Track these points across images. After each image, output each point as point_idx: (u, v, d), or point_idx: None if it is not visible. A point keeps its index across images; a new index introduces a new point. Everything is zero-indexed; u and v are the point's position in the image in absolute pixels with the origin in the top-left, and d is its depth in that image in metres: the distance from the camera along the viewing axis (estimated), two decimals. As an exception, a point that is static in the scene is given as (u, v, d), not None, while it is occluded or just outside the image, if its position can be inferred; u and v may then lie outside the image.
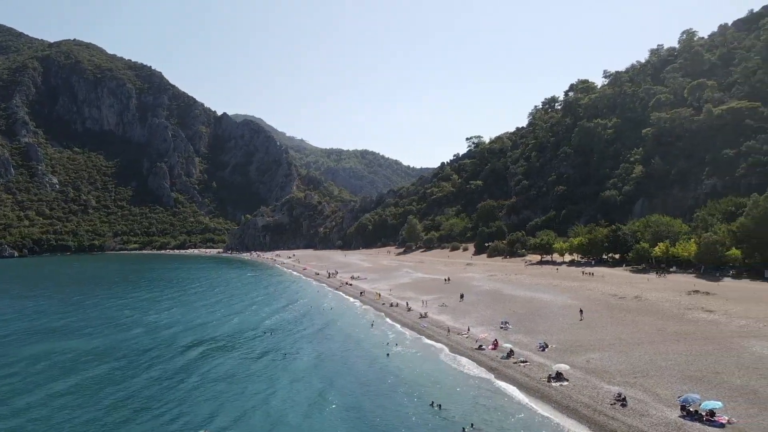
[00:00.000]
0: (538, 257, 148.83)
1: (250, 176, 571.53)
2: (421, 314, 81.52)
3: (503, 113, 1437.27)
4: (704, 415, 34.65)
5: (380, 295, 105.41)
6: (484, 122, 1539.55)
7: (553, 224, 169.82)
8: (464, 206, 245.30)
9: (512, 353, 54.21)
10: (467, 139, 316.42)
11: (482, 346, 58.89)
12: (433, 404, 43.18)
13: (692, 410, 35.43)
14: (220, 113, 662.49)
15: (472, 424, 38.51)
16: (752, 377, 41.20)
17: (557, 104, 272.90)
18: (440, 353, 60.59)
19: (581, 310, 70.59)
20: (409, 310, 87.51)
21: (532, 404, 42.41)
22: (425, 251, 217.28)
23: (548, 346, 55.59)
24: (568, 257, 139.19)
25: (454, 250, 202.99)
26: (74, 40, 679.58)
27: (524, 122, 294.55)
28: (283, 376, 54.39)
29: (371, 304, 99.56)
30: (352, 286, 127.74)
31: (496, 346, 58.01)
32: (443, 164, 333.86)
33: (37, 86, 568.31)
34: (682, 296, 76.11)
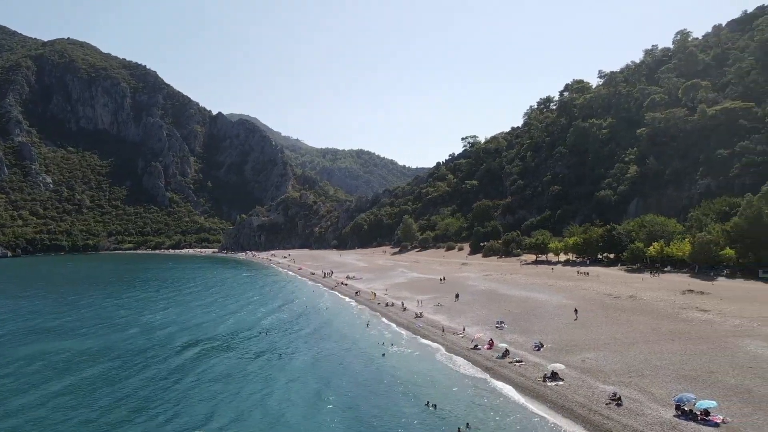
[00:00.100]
0: (533, 257, 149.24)
1: (245, 176, 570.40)
2: (416, 314, 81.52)
3: (499, 113, 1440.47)
4: (699, 414, 34.78)
5: (376, 294, 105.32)
6: (479, 122, 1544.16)
7: (548, 224, 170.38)
8: (460, 206, 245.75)
9: (508, 353, 54.27)
10: (463, 138, 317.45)
11: (478, 345, 58.93)
12: (428, 404, 43.19)
13: (687, 410, 35.55)
14: (215, 113, 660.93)
15: (467, 423, 38.51)
16: (746, 376, 41.40)
17: (552, 104, 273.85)
18: (436, 353, 60.60)
19: (576, 309, 70.83)
20: (404, 309, 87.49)
21: (527, 404, 42.46)
22: (421, 251, 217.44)
23: (543, 345, 55.70)
24: (563, 257, 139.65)
25: (449, 249, 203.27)
26: (68, 38, 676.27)
27: (519, 122, 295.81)
28: (279, 376, 54.25)
29: (367, 303, 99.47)
30: (347, 285, 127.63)
31: (491, 345, 58.08)
32: (439, 164, 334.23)
33: (30, 85, 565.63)
34: (676, 296, 76.44)
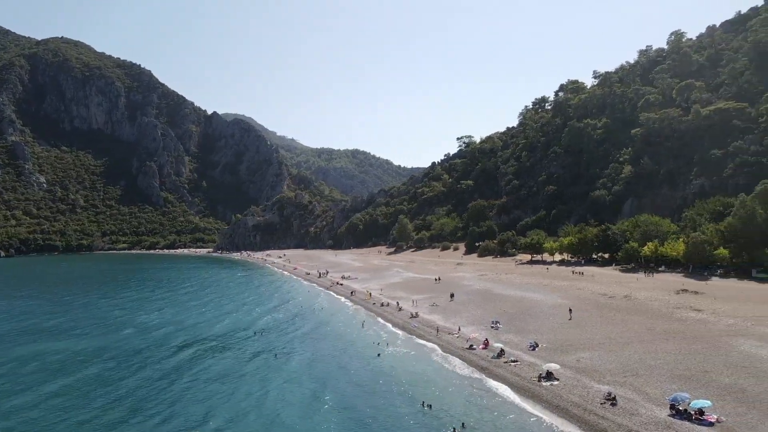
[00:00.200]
0: (528, 257, 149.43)
1: (240, 176, 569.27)
2: (412, 314, 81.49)
3: (494, 113, 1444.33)
4: (693, 414, 34.89)
5: (371, 294, 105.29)
6: (474, 122, 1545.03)
7: (543, 224, 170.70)
8: (455, 206, 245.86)
9: (503, 353, 54.31)
10: (458, 138, 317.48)
11: (473, 345, 58.96)
12: (424, 404, 43.16)
13: (681, 409, 35.67)
14: (210, 112, 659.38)
15: (463, 423, 38.51)
16: (740, 376, 41.57)
17: (547, 104, 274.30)
18: (431, 353, 60.58)
19: (570, 309, 70.95)
20: (399, 309, 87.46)
21: (522, 404, 42.50)
22: (416, 251, 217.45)
23: (539, 345, 55.77)
24: (558, 257, 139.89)
25: (444, 249, 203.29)
26: (62, 37, 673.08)
27: (515, 122, 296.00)
28: (275, 376, 54.15)
29: (362, 303, 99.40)
30: (342, 285, 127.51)
31: (486, 345, 58.10)
32: (434, 164, 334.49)
33: (24, 84, 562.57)
34: (670, 295, 76.69)
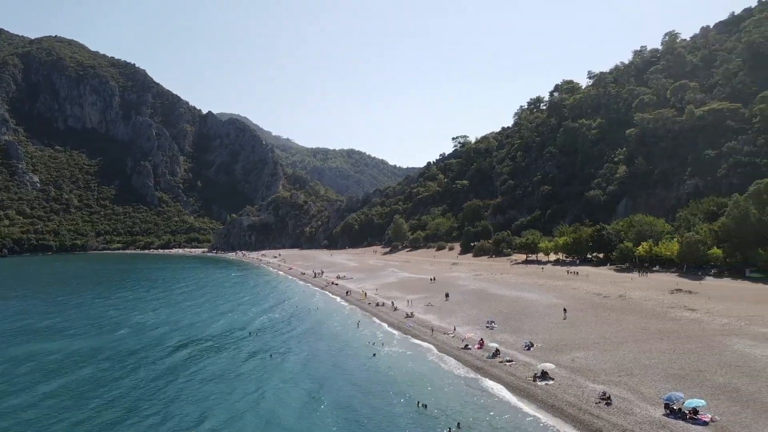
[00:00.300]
0: (523, 257, 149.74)
1: (235, 175, 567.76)
2: (407, 314, 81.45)
3: (489, 113, 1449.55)
4: (688, 413, 34.99)
5: (366, 294, 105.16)
6: (470, 122, 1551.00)
7: (538, 224, 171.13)
8: (450, 206, 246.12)
9: (498, 352, 54.35)
10: (453, 138, 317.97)
11: (468, 345, 58.97)
12: (419, 404, 43.14)
13: (676, 408, 35.77)
14: (205, 112, 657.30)
15: (458, 423, 38.51)
16: (734, 375, 41.74)
17: (542, 104, 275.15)
18: (426, 353, 60.56)
19: (565, 309, 71.13)
20: (395, 309, 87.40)
21: (517, 403, 42.52)
22: (411, 251, 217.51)
23: (534, 345, 55.83)
24: (553, 256, 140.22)
25: (439, 249, 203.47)
26: (56, 36, 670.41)
27: (510, 122, 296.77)
28: (271, 376, 54.05)
29: (357, 303, 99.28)
30: (338, 285, 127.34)
31: (481, 345, 58.13)
32: (429, 164, 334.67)
33: (17, 83, 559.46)
34: (665, 295, 76.98)
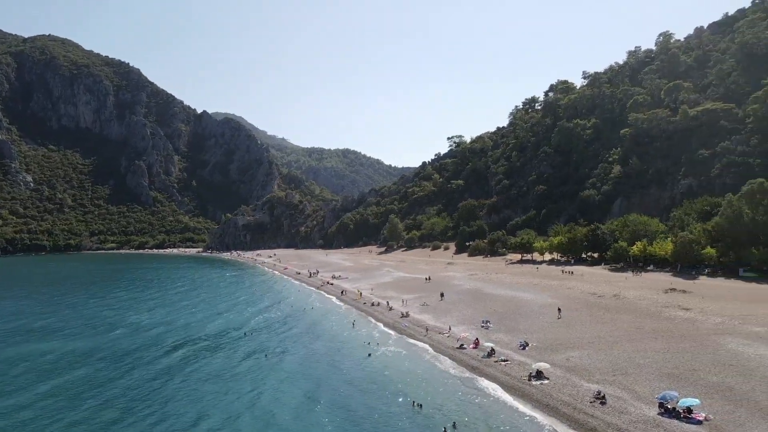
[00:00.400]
0: (518, 256, 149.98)
1: (230, 175, 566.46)
2: (402, 313, 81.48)
3: (484, 113, 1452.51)
4: (682, 412, 35.16)
5: (361, 294, 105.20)
6: (465, 122, 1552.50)
7: (533, 223, 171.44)
8: (445, 205, 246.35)
9: (493, 352, 54.44)
10: (448, 138, 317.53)
11: (463, 345, 59.06)
12: (414, 404, 43.16)
13: (670, 407, 35.92)
14: (200, 111, 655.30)
15: (453, 423, 38.57)
16: (728, 374, 41.97)
17: (537, 104, 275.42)
18: (422, 352, 60.61)
19: (559, 308, 71.30)
20: (390, 309, 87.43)
21: (513, 403, 42.62)
22: (406, 250, 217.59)
23: (529, 344, 55.94)
24: (548, 256, 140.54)
25: (435, 249, 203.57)
26: (49, 35, 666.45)
27: (505, 122, 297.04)
28: (267, 376, 54.01)
29: (353, 303, 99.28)
30: (333, 285, 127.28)
31: (477, 345, 58.21)
32: (424, 164, 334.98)
33: (10, 82, 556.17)
34: (659, 294, 77.29)
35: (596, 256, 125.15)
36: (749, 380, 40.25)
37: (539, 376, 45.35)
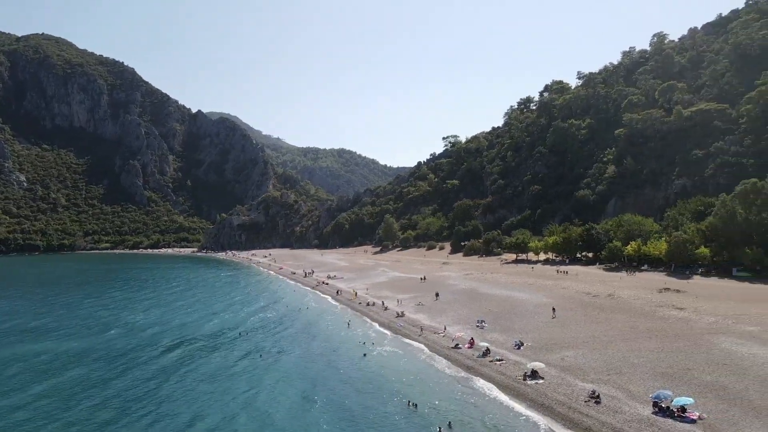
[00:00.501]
0: (513, 256, 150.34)
1: (225, 175, 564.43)
2: (397, 313, 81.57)
3: (479, 113, 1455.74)
4: (676, 411, 35.37)
5: (357, 294, 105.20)
6: (460, 122, 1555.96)
7: (528, 223, 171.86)
8: (440, 205, 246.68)
9: (488, 352, 54.58)
10: (444, 138, 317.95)
11: (458, 344, 59.16)
12: (410, 403, 43.23)
13: (664, 406, 36.13)
14: (194, 111, 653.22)
15: (449, 423, 38.66)
16: (722, 373, 42.23)
17: (532, 104, 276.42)
18: (417, 352, 60.69)
19: (554, 308, 71.57)
20: (385, 309, 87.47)
21: (508, 402, 42.76)
22: (402, 250, 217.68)
23: (524, 344, 56.11)
24: (543, 256, 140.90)
25: (430, 249, 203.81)
26: (43, 34, 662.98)
27: (500, 122, 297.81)
28: (263, 376, 53.94)
29: (348, 303, 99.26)
30: (328, 285, 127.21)
31: (472, 344, 58.34)
32: (420, 163, 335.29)
33: (3, 81, 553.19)
34: (653, 294, 77.67)
35: (591, 255, 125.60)
36: (742, 379, 40.52)
37: (534, 375, 45.50)
